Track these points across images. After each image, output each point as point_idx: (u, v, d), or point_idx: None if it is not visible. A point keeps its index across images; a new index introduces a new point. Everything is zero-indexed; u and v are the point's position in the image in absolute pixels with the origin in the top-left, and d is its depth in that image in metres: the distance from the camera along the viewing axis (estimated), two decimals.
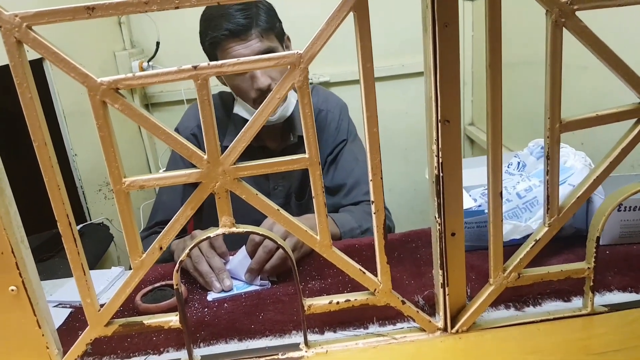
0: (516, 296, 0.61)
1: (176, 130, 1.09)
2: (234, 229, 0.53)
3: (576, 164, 0.71)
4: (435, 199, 0.54)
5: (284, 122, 1.06)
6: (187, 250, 0.53)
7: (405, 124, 1.86)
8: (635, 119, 0.53)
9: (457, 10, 0.48)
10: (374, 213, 0.54)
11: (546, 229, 0.54)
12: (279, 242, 0.54)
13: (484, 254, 0.59)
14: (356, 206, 1.03)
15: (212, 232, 0.53)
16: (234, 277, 0.71)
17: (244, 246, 0.72)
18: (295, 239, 0.74)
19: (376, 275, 0.55)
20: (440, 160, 0.52)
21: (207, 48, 0.96)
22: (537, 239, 0.55)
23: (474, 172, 0.89)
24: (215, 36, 0.91)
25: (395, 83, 1.86)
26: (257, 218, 0.62)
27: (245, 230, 0.53)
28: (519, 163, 0.77)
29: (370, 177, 0.52)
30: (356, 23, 0.47)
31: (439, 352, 0.54)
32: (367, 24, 0.47)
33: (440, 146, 0.51)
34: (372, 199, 0.53)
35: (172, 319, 0.55)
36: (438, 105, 0.50)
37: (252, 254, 0.71)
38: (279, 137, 1.11)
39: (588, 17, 0.48)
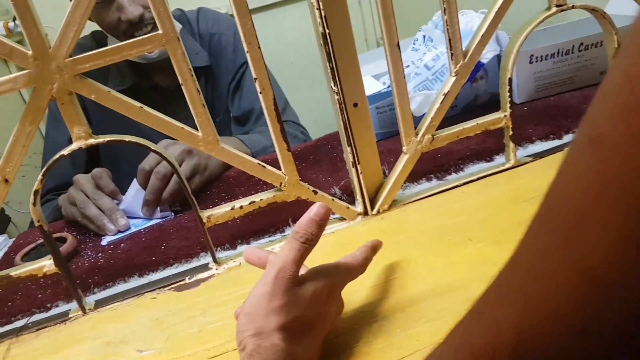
0: (436, 166, 0.56)
1: None
2: (91, 140, 0.43)
3: None
4: (327, 63, 0.46)
5: None
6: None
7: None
8: None
9: None
10: (260, 92, 0.46)
11: (453, 78, 0.49)
12: (164, 155, 0.45)
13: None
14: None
15: (66, 150, 0.43)
16: (130, 216, 0.62)
17: (134, 179, 0.63)
18: (194, 160, 0.65)
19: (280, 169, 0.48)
20: (323, 13, 0.44)
21: None
22: (446, 92, 0.49)
23: (379, 64, 0.83)
24: None
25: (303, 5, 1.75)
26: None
27: (106, 139, 0.43)
28: (424, 37, 0.71)
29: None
30: None
31: (362, 236, 0.48)
32: None
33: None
34: (254, 75, 0.45)
35: (46, 264, 0.46)
36: None
37: (145, 185, 0.61)
38: (172, 73, 0.99)
39: None
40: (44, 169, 0.43)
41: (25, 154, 0.43)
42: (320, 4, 0.43)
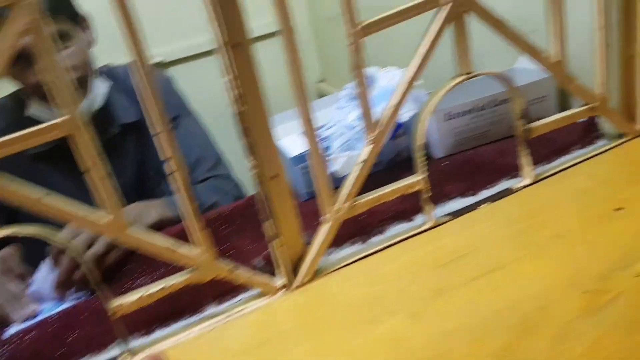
0: (360, 228, 0.56)
1: None
2: None
3: None
4: (244, 139, 0.46)
5: (99, 112, 0.91)
6: None
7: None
8: (435, 9, 0.49)
9: None
10: (174, 172, 0.45)
11: (370, 146, 0.50)
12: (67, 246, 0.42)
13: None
14: (199, 184, 0.93)
15: None
16: (41, 299, 0.58)
17: (47, 258, 0.59)
18: None
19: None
20: (237, 92, 0.43)
21: None
22: (364, 160, 0.50)
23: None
24: None
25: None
26: None
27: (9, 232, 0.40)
28: (349, 95, 0.73)
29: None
30: None
31: (283, 313, 0.47)
32: None
33: (236, 74, 0.43)
34: (167, 155, 0.44)
35: None
36: (223, 24, 0.41)
37: (56, 264, 0.58)
38: (97, 129, 0.96)
39: None
40: None
41: None
42: (236, 82, 0.43)
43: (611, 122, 0.60)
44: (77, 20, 0.88)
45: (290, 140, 0.70)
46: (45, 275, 0.58)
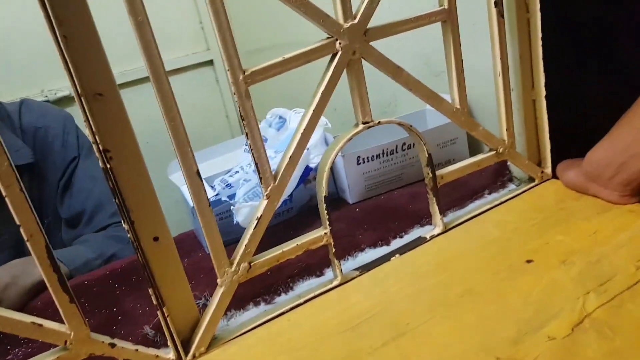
0: (265, 287, 0.52)
1: None
2: None
3: None
4: (115, 199, 0.40)
5: None
6: None
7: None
8: (329, 56, 0.47)
9: None
10: (27, 240, 0.38)
11: (266, 201, 0.45)
12: None
13: (232, 249, 0.47)
14: (98, 233, 0.85)
15: None
16: None
17: None
18: None
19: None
20: (102, 147, 0.38)
21: None
22: (259, 216, 0.45)
23: (221, 160, 0.79)
24: None
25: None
26: None
27: None
28: None
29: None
30: None
31: None
32: None
33: (95, 129, 0.37)
34: (18, 222, 0.37)
35: None
36: (74, 73, 0.36)
37: None
38: None
39: None
40: None
41: None
42: (94, 137, 0.37)
43: (518, 167, 0.60)
44: None
45: None
46: None
